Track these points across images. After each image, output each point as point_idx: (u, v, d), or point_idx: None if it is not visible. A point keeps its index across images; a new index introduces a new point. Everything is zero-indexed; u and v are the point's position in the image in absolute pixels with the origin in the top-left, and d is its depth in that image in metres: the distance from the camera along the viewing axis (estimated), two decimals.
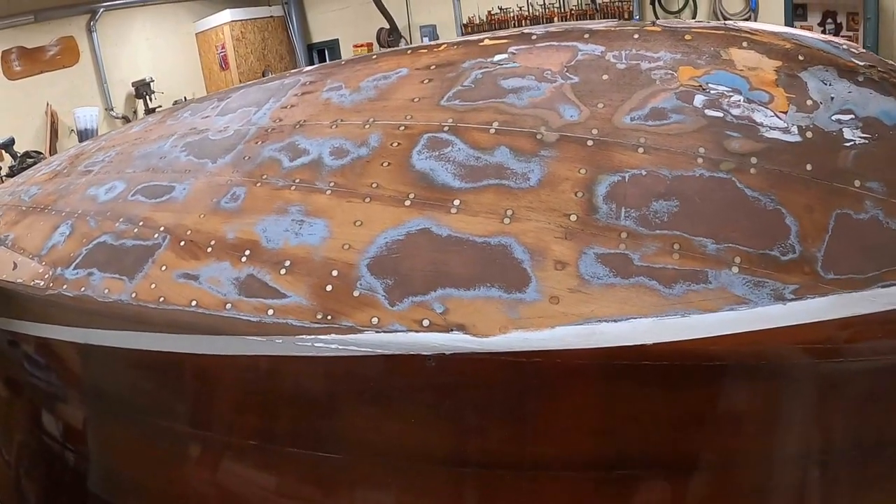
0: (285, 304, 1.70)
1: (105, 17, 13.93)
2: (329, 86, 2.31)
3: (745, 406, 1.53)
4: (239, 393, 1.90)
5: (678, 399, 1.50)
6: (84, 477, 2.65)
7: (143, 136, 3.08)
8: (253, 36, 14.71)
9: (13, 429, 3.25)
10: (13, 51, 12.91)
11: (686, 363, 1.45)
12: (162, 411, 2.14)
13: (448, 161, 1.77)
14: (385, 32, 13.50)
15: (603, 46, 1.89)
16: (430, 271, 1.58)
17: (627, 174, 1.60)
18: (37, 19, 13.01)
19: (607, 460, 1.57)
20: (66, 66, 13.70)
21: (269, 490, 1.96)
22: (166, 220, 2.18)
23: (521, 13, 12.04)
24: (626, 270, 1.48)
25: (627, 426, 1.53)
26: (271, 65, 14.88)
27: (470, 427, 1.60)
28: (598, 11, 11.27)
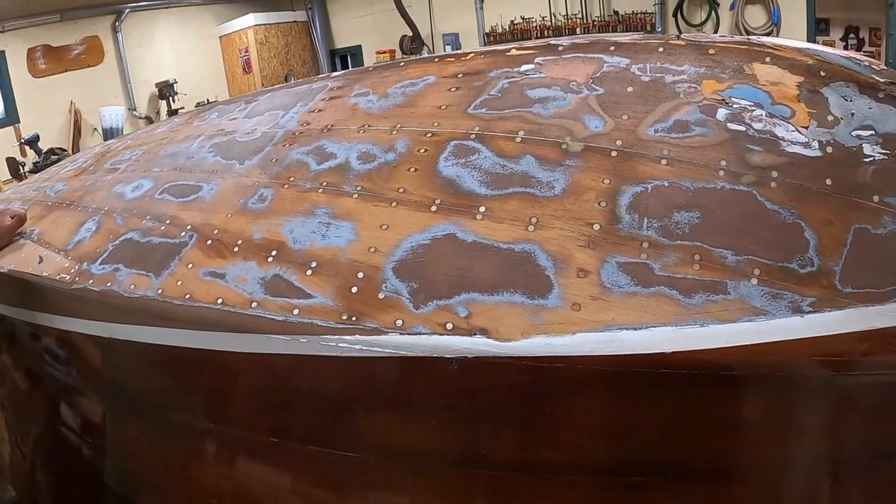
0: (311, 305, 1.72)
1: (130, 18, 14.06)
2: (357, 91, 2.33)
3: (759, 417, 1.53)
4: (261, 391, 1.93)
5: (694, 408, 1.51)
6: (99, 470, 2.67)
7: (170, 135, 3.11)
8: (276, 40, 14.80)
9: (30, 421, 3.28)
10: (38, 49, 13.03)
11: (703, 372, 1.46)
12: (182, 407, 2.17)
13: (474, 168, 1.79)
14: (408, 40, 13.56)
15: (628, 59, 1.91)
16: (455, 276, 1.60)
17: (650, 185, 1.61)
18: (62, 18, 13.15)
19: (621, 467, 1.58)
20: (90, 65, 13.83)
21: (284, 489, 1.97)
22: (193, 218, 2.22)
23: (544, 23, 12.08)
24: (647, 280, 1.50)
25: (642, 433, 1.54)
26: (294, 69, 14.96)
27: (488, 430, 1.62)
28: (621, 23, 11.28)
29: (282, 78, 14.79)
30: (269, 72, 14.79)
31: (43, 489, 3.30)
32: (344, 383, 1.75)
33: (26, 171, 11.16)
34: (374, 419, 1.75)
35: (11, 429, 3.64)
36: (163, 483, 2.36)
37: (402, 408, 1.68)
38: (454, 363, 1.53)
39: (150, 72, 14.45)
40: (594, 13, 11.78)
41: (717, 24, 10.62)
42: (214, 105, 3.28)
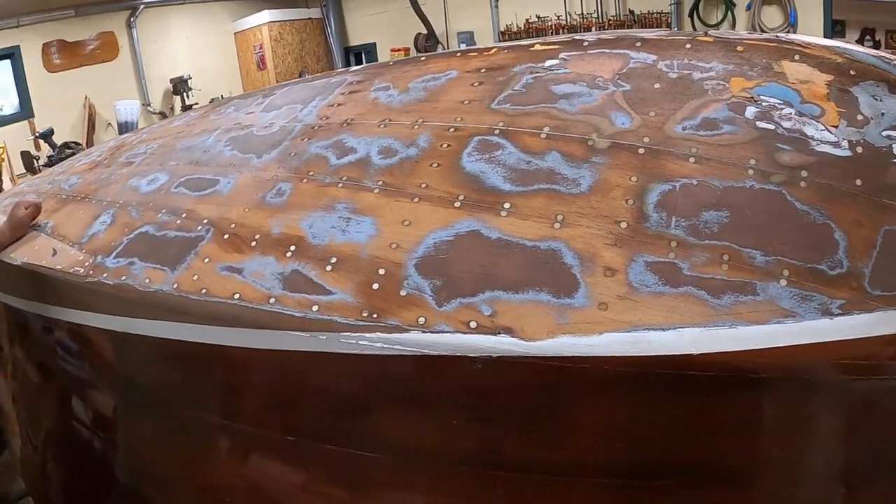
0: (330, 301, 1.69)
1: (145, 14, 14.10)
2: (377, 85, 2.31)
3: (786, 420, 1.50)
4: (277, 388, 1.90)
5: (720, 410, 1.48)
6: (111, 464, 2.66)
7: (185, 129, 3.10)
8: (291, 37, 14.83)
9: (42, 414, 3.27)
10: (53, 44, 13.07)
11: (731, 374, 1.43)
12: (196, 403, 2.14)
13: (499, 164, 1.76)
14: (423, 38, 13.56)
15: (655, 55, 1.88)
16: (479, 273, 1.57)
17: (678, 183, 1.58)
18: (77, 14, 13.19)
19: (644, 470, 1.55)
20: (105, 60, 13.86)
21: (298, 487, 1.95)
22: (210, 212, 2.19)
23: (559, 22, 12.05)
24: (675, 279, 1.47)
25: (667, 436, 1.51)
26: (308, 66, 14.99)
27: (510, 431, 1.58)
28: (637, 22, 11.26)
29: (296, 75, 14.80)
30: (284, 68, 14.80)
31: (54, 483, 3.29)
32: (363, 381, 1.71)
33: (40, 164, 11.20)
34: (393, 418, 1.72)
35: (23, 422, 3.63)
36: (174, 479, 2.33)
37: (423, 407, 1.65)
38: (478, 362, 1.50)
39: (165, 67, 14.48)
40: (610, 12, 11.75)
41: (733, 25, 10.58)
42: (230, 99, 3.26)
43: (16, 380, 3.55)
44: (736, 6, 10.54)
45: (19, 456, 3.90)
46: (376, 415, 1.74)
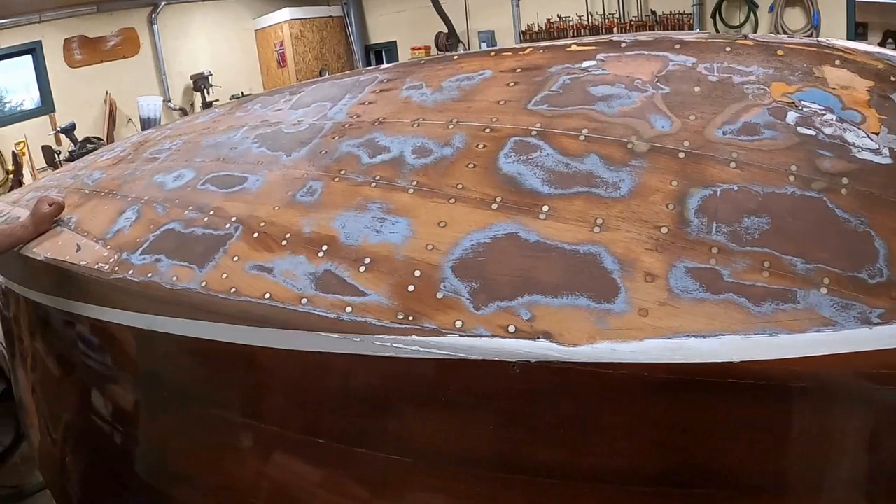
0: (364, 303, 1.67)
1: (166, 11, 14.15)
2: (409, 84, 2.29)
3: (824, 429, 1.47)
4: (308, 389, 1.88)
5: (758, 419, 1.45)
6: (131, 459, 2.67)
7: (211, 126, 3.09)
8: (311, 35, 14.85)
9: (62, 408, 3.27)
10: (74, 40, 13.12)
11: (770, 383, 1.40)
12: (222, 402, 2.13)
13: (536, 166, 1.74)
14: (443, 37, 13.54)
15: (694, 58, 1.86)
16: (518, 276, 1.55)
17: (719, 188, 1.56)
18: (99, 10, 13.27)
19: (681, 477, 1.53)
20: (126, 56, 13.92)
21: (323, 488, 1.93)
22: (238, 210, 2.17)
23: (581, 22, 12.01)
24: (716, 286, 1.44)
25: (705, 444, 1.49)
26: (329, 64, 15.01)
27: (546, 436, 1.56)
28: (659, 23, 11.22)
29: (316, 72, 14.83)
30: (304, 66, 14.82)
31: (72, 476, 3.30)
32: (397, 384, 1.69)
33: (61, 159, 11.24)
34: (426, 422, 1.69)
35: (42, 415, 3.64)
36: (196, 476, 2.33)
37: (458, 411, 1.63)
38: (515, 367, 1.48)
39: (185, 64, 14.52)
40: (631, 13, 11.70)
41: (755, 26, 10.52)
42: (256, 96, 3.25)
43: (36, 372, 3.56)
44: (759, 7, 10.47)
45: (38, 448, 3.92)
46: (408, 418, 1.72)
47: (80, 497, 3.27)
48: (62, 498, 3.58)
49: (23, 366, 3.88)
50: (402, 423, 1.74)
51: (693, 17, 11.00)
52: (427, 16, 13.46)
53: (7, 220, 3.59)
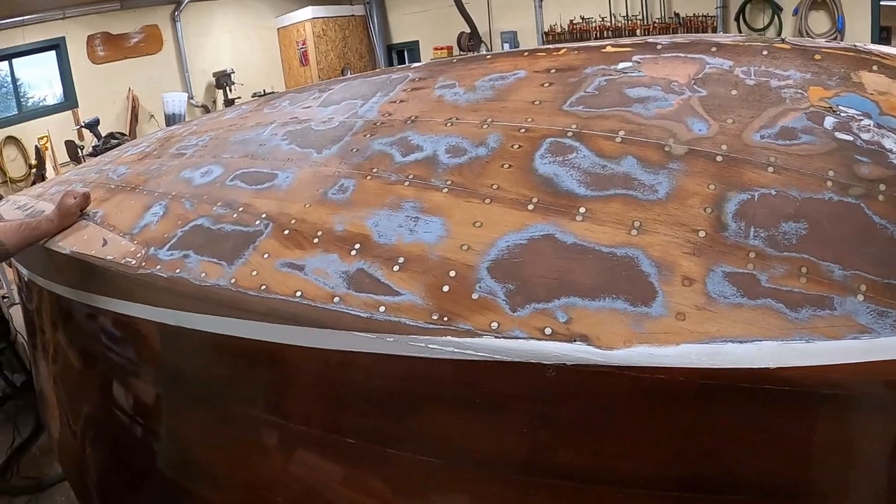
0: (398, 302, 1.66)
1: (189, 8, 14.24)
2: (441, 83, 2.28)
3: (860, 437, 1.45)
4: (339, 388, 1.87)
5: (792, 426, 1.43)
6: (152, 453, 2.67)
7: (238, 122, 3.10)
8: (334, 33, 14.90)
9: (83, 400, 3.29)
10: (98, 36, 13.24)
11: (806, 390, 1.38)
12: (249, 399, 2.12)
13: (573, 167, 1.73)
14: (466, 37, 13.55)
15: (731, 61, 1.84)
16: (554, 278, 1.53)
17: (757, 193, 1.54)
18: (122, 7, 13.41)
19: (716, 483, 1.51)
20: (148, 53, 14.04)
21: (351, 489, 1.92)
22: (268, 207, 2.17)
23: (603, 23, 11.99)
24: (754, 291, 1.42)
25: (740, 450, 1.47)
26: (351, 63, 15.06)
27: (577, 439, 1.55)
28: (682, 25, 11.19)
29: (339, 71, 14.88)
30: (326, 64, 14.86)
31: (92, 468, 3.31)
32: (430, 385, 1.68)
33: (85, 153, 11.30)
34: (459, 423, 1.68)
35: (63, 406, 3.65)
36: (219, 472, 2.32)
37: (492, 413, 1.61)
38: (551, 370, 1.46)
39: (208, 61, 14.60)
40: (654, 15, 11.67)
41: (779, 29, 10.48)
42: (284, 93, 3.25)
43: (57, 364, 3.57)
44: (783, 11, 10.43)
45: (57, 440, 3.94)
46: (438, 419, 1.71)
47: (100, 489, 3.28)
48: (81, 490, 3.60)
49: (44, 357, 3.91)
50: (432, 424, 1.73)
51: (717, 19, 10.97)
52: (449, 15, 13.48)
53: (32, 214, 3.61)
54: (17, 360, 5.96)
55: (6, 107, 12.86)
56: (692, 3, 11.25)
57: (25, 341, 5.63)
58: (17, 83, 12.89)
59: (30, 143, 12.41)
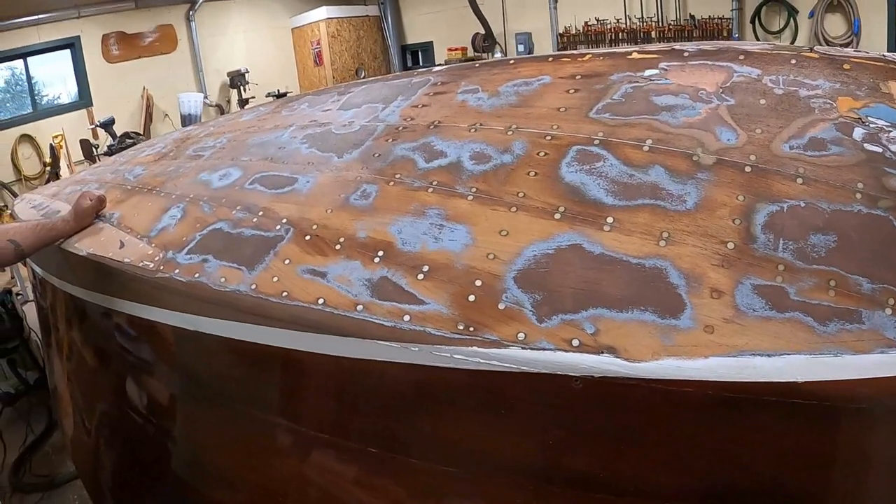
0: (423, 311, 1.64)
1: (204, 8, 14.26)
2: (463, 88, 2.27)
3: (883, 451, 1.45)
4: (361, 397, 1.85)
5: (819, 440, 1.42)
6: (166, 453, 2.67)
7: (256, 124, 3.09)
8: (348, 34, 14.90)
9: (97, 398, 3.28)
10: (112, 35, 13.26)
11: (833, 404, 1.37)
12: (269, 407, 2.11)
13: (600, 176, 1.71)
14: (480, 38, 13.53)
15: (759, 69, 1.83)
16: (582, 289, 1.52)
17: (786, 204, 1.52)
18: (137, 6, 13.41)
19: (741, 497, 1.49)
20: (163, 52, 14.05)
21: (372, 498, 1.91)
22: (289, 211, 2.15)
23: (618, 25, 11.96)
24: (782, 304, 1.41)
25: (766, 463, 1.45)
26: (365, 63, 15.07)
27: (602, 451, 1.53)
28: (697, 28, 11.14)
29: (353, 71, 14.88)
30: (340, 65, 14.86)
31: (105, 466, 3.31)
32: (454, 395, 1.66)
33: (99, 152, 11.32)
34: (483, 434, 1.66)
35: (77, 405, 3.65)
36: (237, 478, 2.31)
37: (517, 424, 1.60)
38: (579, 382, 1.45)
39: (222, 61, 14.61)
40: (670, 17, 11.62)
41: (795, 32, 10.42)
42: (302, 95, 3.24)
43: (71, 362, 3.57)
44: (798, 13, 10.38)
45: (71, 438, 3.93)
46: (465, 429, 1.69)
47: (113, 488, 3.27)
48: (94, 488, 3.59)
49: (58, 355, 3.91)
50: (463, 436, 1.71)
51: (732, 21, 10.92)
52: (464, 16, 13.47)
53: (47, 214, 3.61)
54: (30, 357, 5.98)
55: (21, 105, 12.87)
56: (707, 6, 11.20)
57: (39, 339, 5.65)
58: (31, 81, 12.92)
59: (44, 142, 12.43)
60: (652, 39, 11.54)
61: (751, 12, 10.80)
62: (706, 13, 11.20)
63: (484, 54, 13.61)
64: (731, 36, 10.87)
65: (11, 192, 12.02)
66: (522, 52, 13.22)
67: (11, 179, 12.27)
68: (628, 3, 11.82)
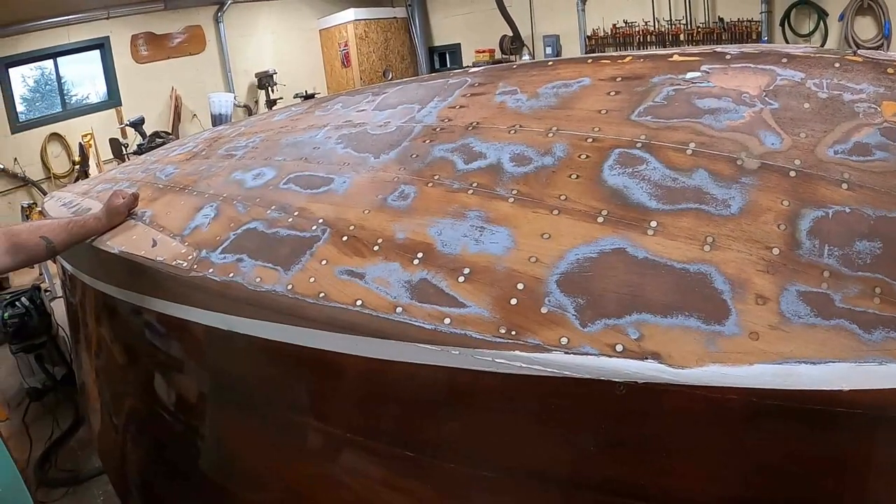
0: (464, 315, 1.63)
1: (232, 9, 14.35)
2: (502, 89, 2.25)
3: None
4: (399, 400, 1.84)
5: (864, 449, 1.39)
6: (193, 453, 2.68)
7: (289, 124, 3.09)
8: (376, 35, 14.93)
9: (125, 395, 3.30)
10: (141, 36, 13.37)
11: (877, 414, 1.34)
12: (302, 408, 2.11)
13: (643, 179, 1.69)
14: (508, 40, 13.51)
15: (803, 73, 1.80)
16: (626, 294, 1.50)
17: (831, 210, 1.50)
18: (166, 7, 13.55)
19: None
20: (191, 53, 14.17)
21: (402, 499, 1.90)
22: (325, 212, 2.15)
23: (647, 28, 11.90)
24: (827, 311, 1.38)
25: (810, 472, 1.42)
26: (392, 65, 15.10)
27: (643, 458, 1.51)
28: (726, 30, 11.06)
29: (380, 73, 14.91)
30: (368, 66, 14.90)
31: (131, 462, 3.33)
32: (495, 400, 1.64)
33: (129, 152, 11.40)
34: (523, 439, 1.65)
35: (104, 400, 3.68)
36: (268, 479, 2.31)
37: (557, 430, 1.58)
38: (622, 388, 1.43)
39: (250, 62, 14.69)
40: (698, 19, 11.55)
41: (825, 35, 10.32)
42: (335, 96, 3.24)
43: (99, 358, 3.59)
44: (828, 16, 10.28)
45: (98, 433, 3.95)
46: (501, 434, 1.68)
47: (139, 485, 3.30)
48: (120, 484, 3.62)
49: (86, 351, 3.93)
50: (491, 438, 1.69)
51: (761, 24, 10.83)
52: (492, 18, 13.45)
53: (78, 211, 3.63)
54: (57, 353, 6.04)
55: (51, 104, 13.01)
56: (736, 8, 11.12)
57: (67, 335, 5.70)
58: (61, 81, 13.04)
59: (73, 140, 12.55)
60: (680, 42, 11.48)
61: (780, 15, 10.71)
62: (735, 16, 11.11)
63: (512, 56, 13.58)
64: (759, 39, 10.79)
65: (41, 189, 12.15)
66: (550, 54, 13.19)
67: (41, 177, 12.40)
68: (657, 6, 11.77)
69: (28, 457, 5.06)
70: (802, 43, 10.38)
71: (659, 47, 11.66)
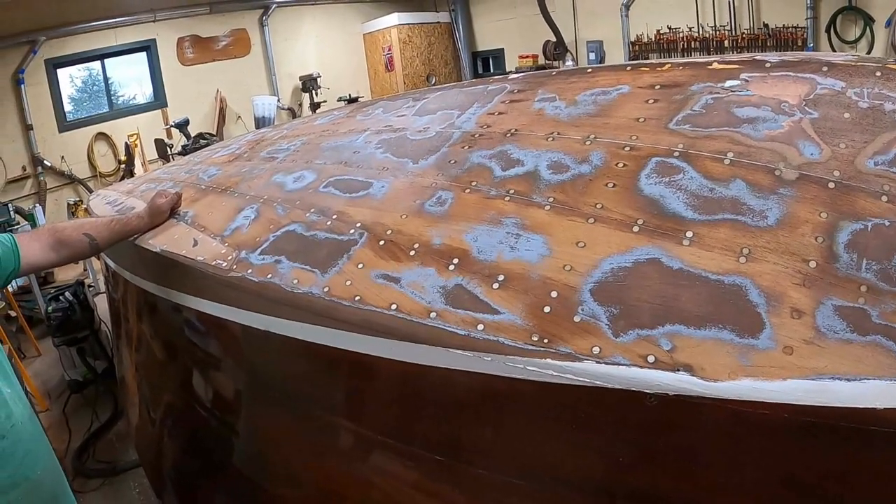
0: (497, 321, 1.62)
1: (277, 13, 14.47)
2: (541, 96, 2.25)
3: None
4: (430, 404, 1.85)
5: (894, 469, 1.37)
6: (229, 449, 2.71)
7: (330, 128, 3.11)
8: (419, 40, 14.96)
9: (163, 390, 3.34)
10: (187, 39, 13.55)
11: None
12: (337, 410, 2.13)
13: (679, 189, 1.68)
14: (551, 45, 13.47)
15: (843, 82, 1.78)
16: (659, 304, 1.48)
17: (870, 223, 1.47)
18: (212, 11, 13.70)
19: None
20: (236, 56, 14.32)
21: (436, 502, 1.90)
22: (363, 216, 2.16)
23: (691, 34, 11.82)
24: (864, 327, 1.35)
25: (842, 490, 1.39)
26: (436, 70, 15.13)
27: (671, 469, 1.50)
28: (771, 37, 10.94)
29: (423, 78, 14.93)
30: (412, 71, 14.94)
31: (168, 458, 3.36)
32: (526, 408, 1.64)
33: (173, 152, 11.53)
34: (549, 446, 1.64)
35: (143, 395, 3.72)
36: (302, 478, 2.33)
37: (587, 439, 1.57)
38: (653, 399, 1.42)
39: (294, 65, 14.80)
40: (743, 25, 11.44)
41: (871, 41, 10.18)
42: (376, 101, 3.26)
43: (139, 353, 3.63)
44: (875, 22, 10.13)
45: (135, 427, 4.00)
46: (531, 441, 1.67)
47: (174, 479, 3.33)
48: (156, 477, 3.66)
49: (127, 346, 3.99)
50: (521, 445, 1.69)
51: (807, 30, 10.70)
52: (535, 24, 13.43)
53: (122, 210, 3.69)
54: (99, 347, 6.14)
55: (98, 104, 13.21)
56: (781, 14, 11.00)
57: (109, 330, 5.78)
58: (108, 82, 13.23)
59: (119, 140, 12.72)
60: (725, 48, 11.38)
61: (826, 21, 10.58)
62: (780, 22, 10.99)
63: (555, 62, 13.55)
64: (805, 45, 10.67)
65: (87, 187, 12.32)
66: (594, 60, 13.14)
67: (87, 175, 12.59)
68: (701, 12, 11.68)
69: (67, 447, 5.15)
70: (848, 49, 10.24)
71: (703, 54, 11.57)
